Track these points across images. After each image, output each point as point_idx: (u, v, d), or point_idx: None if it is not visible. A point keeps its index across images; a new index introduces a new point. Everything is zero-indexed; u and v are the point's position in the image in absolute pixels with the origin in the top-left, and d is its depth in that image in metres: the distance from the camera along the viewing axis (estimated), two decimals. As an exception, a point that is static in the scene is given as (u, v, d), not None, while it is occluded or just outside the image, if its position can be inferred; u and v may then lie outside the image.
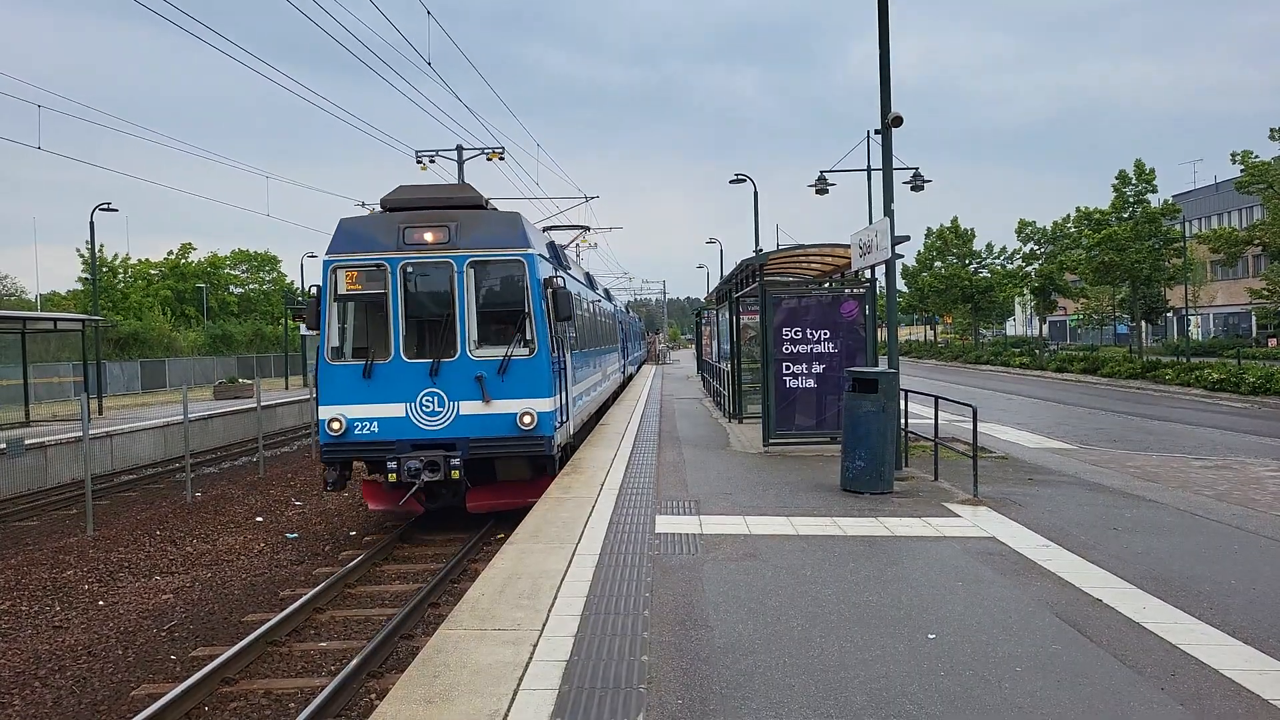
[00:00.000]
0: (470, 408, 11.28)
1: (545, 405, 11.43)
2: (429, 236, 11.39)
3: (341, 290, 11.53)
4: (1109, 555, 7.60)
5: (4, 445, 17.89)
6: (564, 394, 12.80)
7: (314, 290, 11.75)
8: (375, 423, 11.24)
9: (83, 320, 28.28)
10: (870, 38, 12.90)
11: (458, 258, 11.40)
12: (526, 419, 11.24)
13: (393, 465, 11.08)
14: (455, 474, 11.04)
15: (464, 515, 12.32)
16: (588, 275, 23.17)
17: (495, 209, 12.66)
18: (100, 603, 10.22)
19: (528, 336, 11.51)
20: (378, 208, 12.51)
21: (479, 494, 12.01)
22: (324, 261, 11.57)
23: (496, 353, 11.40)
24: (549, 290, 11.87)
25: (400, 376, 11.27)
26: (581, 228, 27.53)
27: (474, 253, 11.43)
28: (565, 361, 13.07)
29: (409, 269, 11.49)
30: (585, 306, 18.08)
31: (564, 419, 12.67)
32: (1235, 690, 4.77)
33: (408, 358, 11.34)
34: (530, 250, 11.60)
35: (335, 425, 11.19)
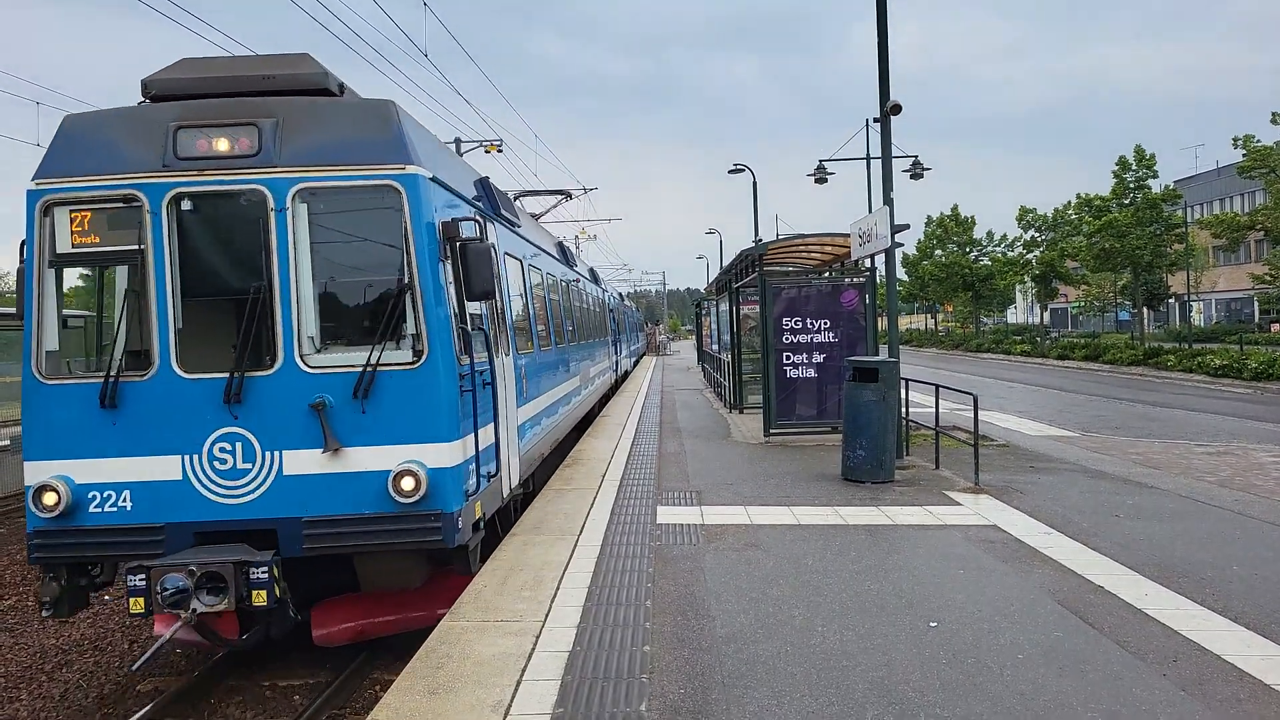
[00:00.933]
0: (302, 462, 6.29)
1: (445, 454, 6.39)
2: (223, 144, 6.44)
3: (63, 246, 6.51)
4: (1111, 542, 7.61)
5: (7, 442, 17.93)
6: (495, 426, 7.70)
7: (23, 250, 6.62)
8: (126, 492, 6.30)
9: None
10: (871, 22, 12.87)
11: (276, 182, 6.39)
12: (407, 482, 6.22)
13: (139, 580, 5.94)
14: (258, 596, 5.96)
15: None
16: (561, 247, 16.96)
17: (354, 96, 7.19)
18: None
19: (410, 328, 6.49)
20: None
21: (334, 612, 6.94)
22: (28, 193, 6.51)
23: (352, 359, 6.39)
24: (453, 244, 6.89)
25: (172, 406, 6.29)
26: (562, 193, 21.78)
27: (307, 172, 6.41)
28: (498, 369, 7.97)
29: (186, 204, 6.52)
30: (552, 285, 13.28)
31: (490, 470, 7.47)
32: (1237, 675, 4.78)
33: (185, 371, 6.32)
34: (413, 169, 6.50)
35: (51, 498, 6.22)
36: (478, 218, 7.54)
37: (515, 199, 14.97)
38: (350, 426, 6.33)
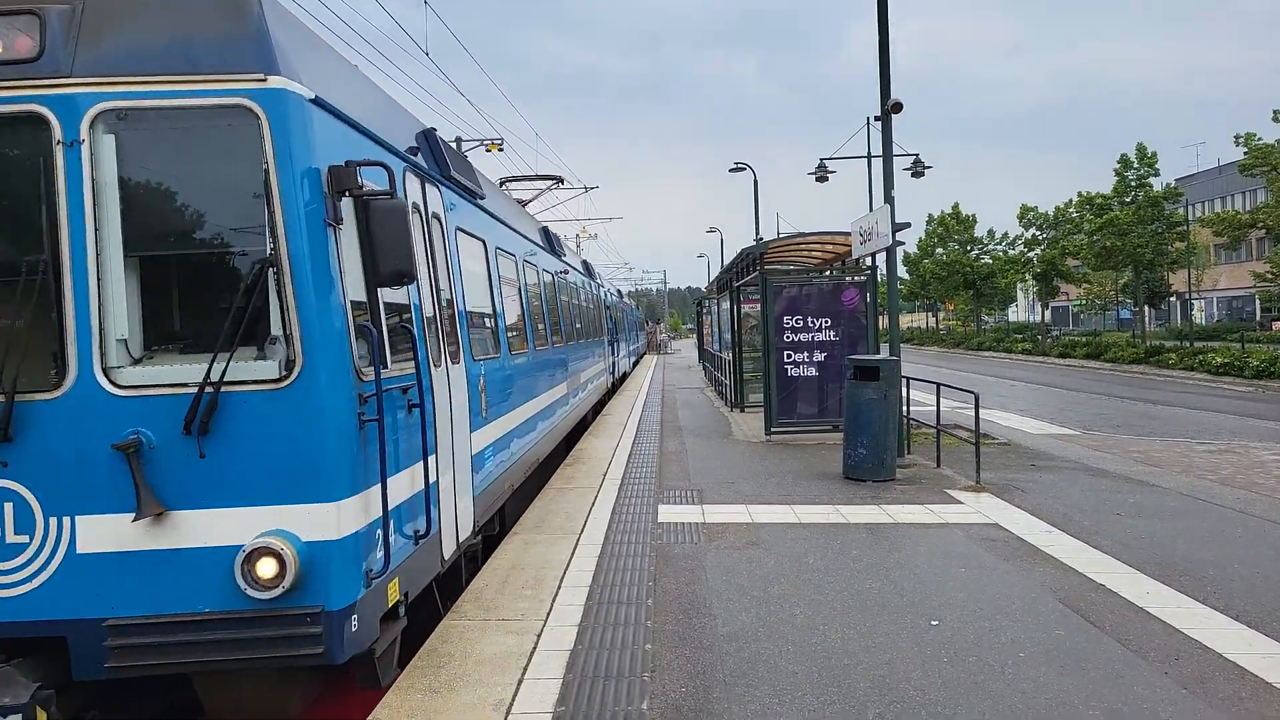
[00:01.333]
0: (107, 535, 4.12)
1: (330, 519, 4.20)
2: None
3: None
4: (1112, 540, 7.60)
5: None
6: (430, 463, 5.36)
7: None
8: None
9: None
10: (871, 21, 12.88)
11: (66, 100, 4.17)
12: (266, 565, 4.06)
13: None
14: None
15: None
16: (546, 233, 14.15)
17: None
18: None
19: (277, 327, 4.23)
20: None
21: None
22: None
23: (184, 374, 4.17)
24: (354, 200, 4.54)
25: None
26: (553, 179, 18.98)
27: (117, 86, 4.19)
28: (438, 384, 5.82)
29: None
30: (531, 275, 10.95)
31: (419, 528, 5.23)
32: (1239, 674, 4.78)
33: None
34: (280, 82, 4.27)
35: None
36: (401, 171, 5.53)
37: (501, 185, 13.58)
38: (182, 479, 4.15)
